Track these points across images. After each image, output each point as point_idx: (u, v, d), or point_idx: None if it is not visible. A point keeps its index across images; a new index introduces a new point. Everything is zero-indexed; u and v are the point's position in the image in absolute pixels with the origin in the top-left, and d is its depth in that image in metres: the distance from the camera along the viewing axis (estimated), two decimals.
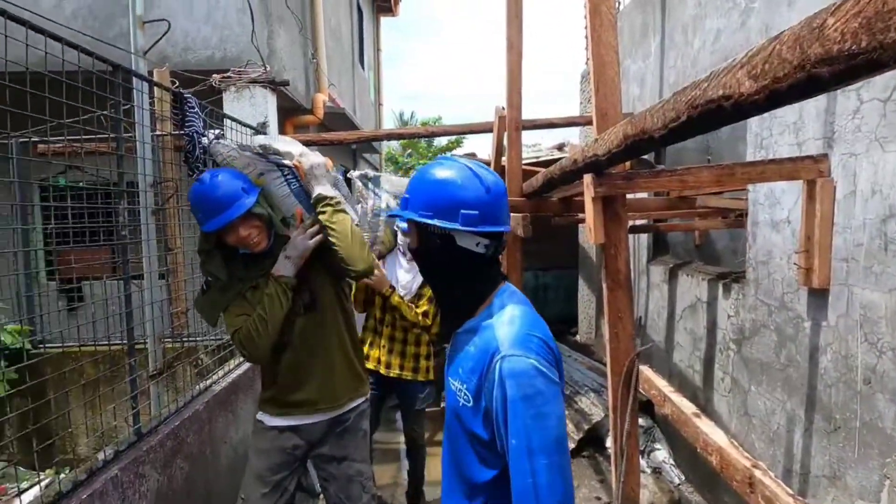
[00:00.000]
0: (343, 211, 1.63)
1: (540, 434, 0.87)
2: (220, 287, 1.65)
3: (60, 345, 3.41)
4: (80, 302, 4.19)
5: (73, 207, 2.83)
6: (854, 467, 1.75)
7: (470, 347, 0.98)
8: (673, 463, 3.14)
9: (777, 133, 2.18)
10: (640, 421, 3.45)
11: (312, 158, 1.64)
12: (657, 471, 3.07)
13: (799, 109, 2.02)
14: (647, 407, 3.50)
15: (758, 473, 1.09)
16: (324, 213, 1.58)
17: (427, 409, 2.81)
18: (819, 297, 1.91)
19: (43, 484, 3.02)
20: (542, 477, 0.87)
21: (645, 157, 3.51)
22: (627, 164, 2.12)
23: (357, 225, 2.52)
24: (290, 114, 4.49)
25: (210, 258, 1.63)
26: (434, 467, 2.87)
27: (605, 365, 1.96)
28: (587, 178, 1.84)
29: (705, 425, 1.35)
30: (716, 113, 0.94)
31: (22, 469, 3.24)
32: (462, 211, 0.96)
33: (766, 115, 2.26)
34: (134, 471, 1.68)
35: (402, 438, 3.34)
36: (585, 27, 1.89)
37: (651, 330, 3.71)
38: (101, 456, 1.65)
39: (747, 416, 2.41)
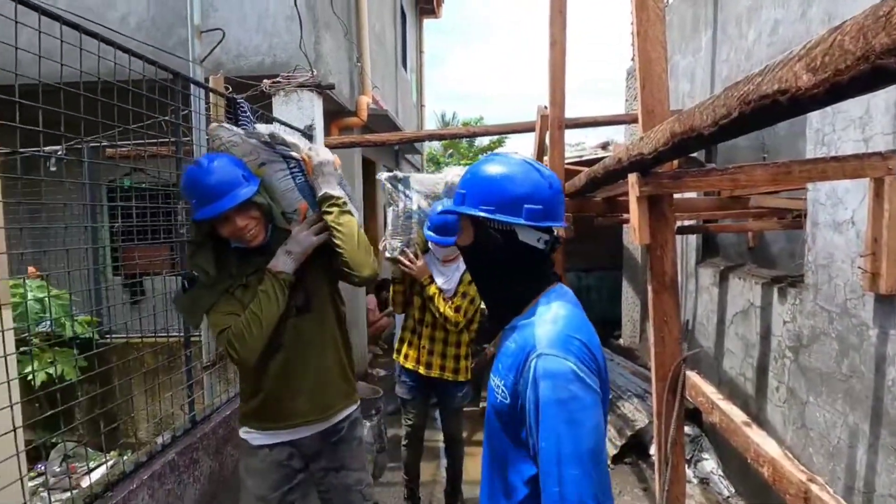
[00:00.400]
0: (350, 212, 1.53)
1: (571, 441, 0.83)
2: (206, 284, 1.48)
3: (124, 336, 3.64)
4: (142, 296, 4.47)
5: (136, 207, 3.02)
6: None
7: (511, 344, 0.97)
8: (722, 474, 3.01)
9: (840, 129, 2.05)
10: (687, 429, 3.33)
11: (322, 154, 1.53)
12: (705, 481, 2.95)
13: (866, 103, 1.89)
14: (694, 415, 3.37)
15: (814, 488, 1.03)
16: (330, 213, 1.46)
17: (465, 409, 2.83)
18: (886, 303, 1.78)
19: (108, 464, 3.24)
20: (571, 488, 0.82)
21: (694, 155, 3.38)
22: (675, 162, 2.05)
23: (389, 229, 2.54)
24: (335, 116, 4.62)
25: (200, 251, 1.49)
26: (472, 466, 2.88)
27: (649, 369, 1.91)
28: (632, 178, 1.79)
29: (756, 435, 1.29)
30: (770, 109, 0.90)
31: (90, 450, 3.49)
32: (526, 206, 0.95)
33: (828, 110, 2.13)
34: (189, 455, 1.77)
35: (440, 436, 3.37)
36: (632, 22, 1.84)
37: (700, 335, 3.57)
38: (159, 440, 1.76)
39: (804, 429, 2.28)
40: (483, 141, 19.39)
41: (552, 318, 0.93)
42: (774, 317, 2.56)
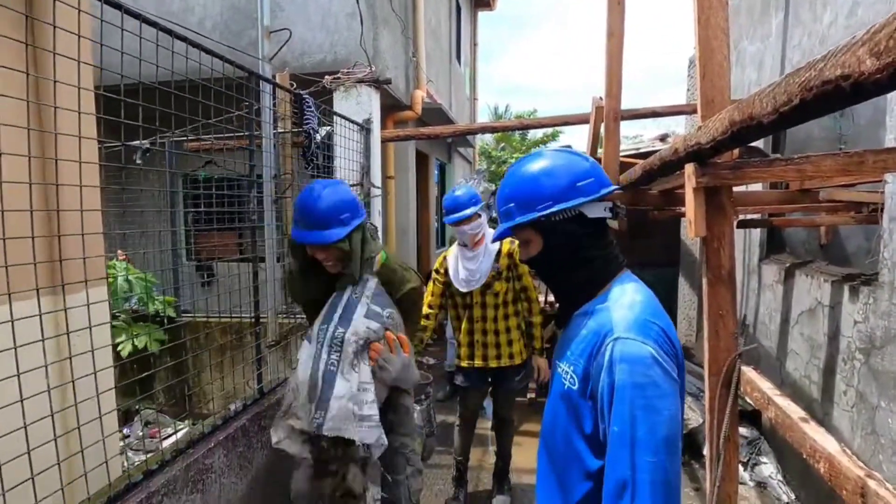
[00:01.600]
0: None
1: (647, 427, 0.81)
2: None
3: (201, 315, 3.96)
4: (212, 278, 4.82)
5: (211, 196, 3.27)
6: None
7: (582, 330, 0.96)
8: (781, 479, 2.89)
9: None
10: (745, 431, 3.21)
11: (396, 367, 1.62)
12: (762, 485, 2.85)
13: None
14: (753, 417, 3.25)
15: (872, 483, 1.01)
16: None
17: (516, 399, 2.88)
18: None
19: (184, 430, 3.56)
20: (644, 475, 0.79)
21: (757, 145, 3.22)
22: (735, 152, 1.99)
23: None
24: (391, 110, 4.75)
25: (294, 282, 1.76)
26: (517, 455, 2.92)
27: (703, 367, 1.87)
28: (689, 168, 1.76)
29: (814, 431, 1.26)
30: (832, 95, 0.89)
31: (167, 417, 3.84)
32: (579, 184, 0.98)
33: None
34: (257, 423, 1.94)
35: (489, 425, 3.43)
36: (693, 9, 1.80)
37: (761, 335, 3.42)
38: (232, 407, 1.93)
39: (874, 435, 2.16)
40: (536, 134, 19.10)
41: (629, 302, 0.93)
42: (844, 316, 2.43)
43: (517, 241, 1.13)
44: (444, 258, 2.63)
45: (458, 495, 2.78)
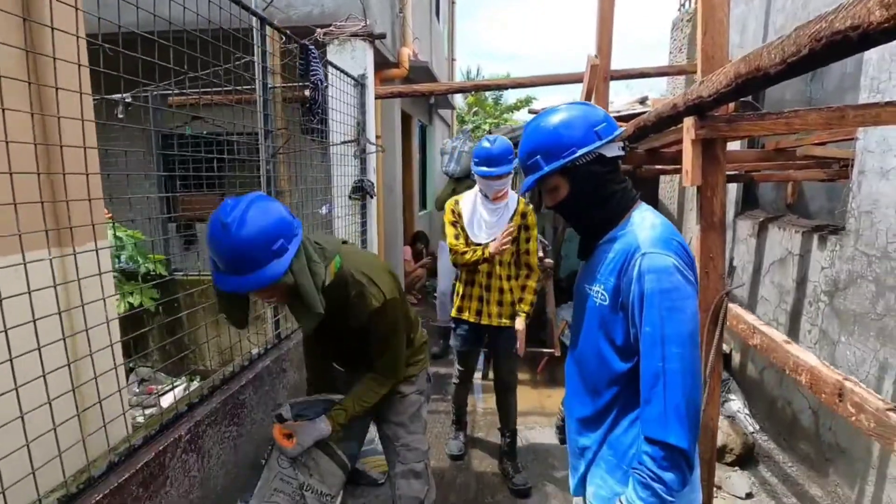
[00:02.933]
0: (345, 411, 1.53)
1: (674, 325, 0.96)
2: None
3: (193, 273, 3.93)
4: (195, 240, 4.76)
5: (198, 154, 3.21)
6: None
7: (609, 254, 1.09)
8: (748, 412, 3.20)
9: None
10: None
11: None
12: (731, 418, 3.15)
13: None
14: (725, 359, 3.54)
15: (848, 384, 1.20)
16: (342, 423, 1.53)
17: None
18: None
19: (182, 387, 3.59)
20: (673, 363, 0.95)
21: (748, 100, 3.39)
22: (730, 107, 2.12)
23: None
24: (378, 67, 4.68)
25: (230, 303, 1.34)
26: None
27: None
28: (688, 121, 1.89)
29: (796, 350, 1.45)
30: (841, 44, 1.01)
31: (163, 375, 3.87)
32: (596, 129, 1.10)
33: (886, 58, 2.16)
34: (279, 365, 2.03)
35: (477, 375, 3.60)
36: None
37: (735, 284, 3.69)
38: (255, 351, 2.02)
39: (834, 366, 2.43)
40: (509, 100, 19.00)
41: (650, 224, 1.07)
42: (812, 263, 2.66)
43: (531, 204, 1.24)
44: (457, 202, 2.56)
45: (457, 437, 2.91)
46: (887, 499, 2.06)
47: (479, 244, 2.46)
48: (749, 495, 2.48)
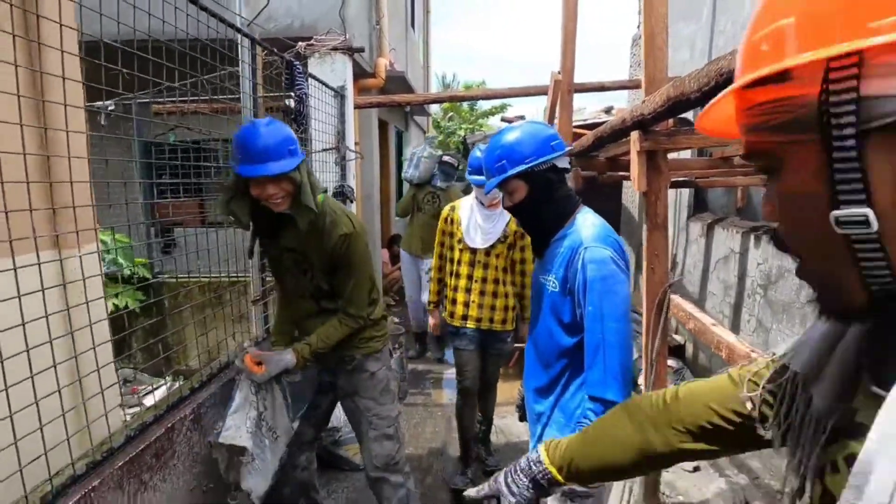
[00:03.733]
0: (309, 345, 1.73)
1: (610, 305, 1.19)
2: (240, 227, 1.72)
3: (184, 275, 4.02)
4: (174, 246, 4.84)
5: (182, 163, 3.33)
6: None
7: (560, 249, 1.33)
8: None
9: None
10: (672, 363, 3.80)
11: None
12: None
13: None
14: (678, 351, 3.85)
15: (754, 355, 1.46)
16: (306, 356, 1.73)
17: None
18: None
19: (165, 388, 3.69)
20: (611, 336, 1.20)
21: (686, 116, 3.71)
22: (670, 122, 2.40)
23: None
24: (356, 77, 4.87)
25: (235, 199, 1.62)
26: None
27: (640, 314, 2.27)
28: (634, 135, 2.16)
29: (720, 331, 1.72)
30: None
31: (147, 375, 3.95)
32: (552, 143, 1.35)
33: None
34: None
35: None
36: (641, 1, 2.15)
37: (687, 282, 4.01)
38: (245, 344, 2.18)
39: (768, 352, 2.74)
40: (484, 105, 19.38)
41: (591, 224, 1.33)
42: (750, 260, 2.98)
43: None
44: (454, 209, 2.62)
45: (465, 471, 2.71)
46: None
47: (476, 248, 2.53)
48: (696, 468, 2.76)
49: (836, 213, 0.37)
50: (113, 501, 1.27)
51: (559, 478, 0.84)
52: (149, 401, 3.64)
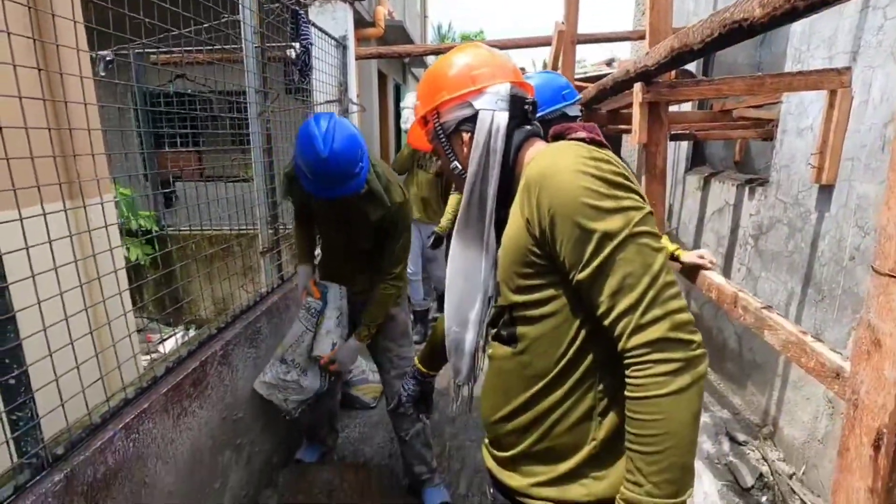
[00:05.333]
0: (367, 327, 1.92)
1: None
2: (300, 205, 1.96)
3: (195, 228, 4.08)
4: (175, 199, 4.88)
5: (193, 113, 3.30)
6: (832, 326, 2.22)
7: None
8: None
9: (813, 47, 2.43)
10: None
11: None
12: None
13: (835, 25, 2.26)
14: None
15: (741, 295, 1.59)
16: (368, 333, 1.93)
17: None
18: (826, 191, 2.28)
19: (179, 336, 3.83)
20: None
21: (691, 69, 3.71)
22: (672, 74, 2.43)
23: None
24: (356, 27, 4.78)
25: (293, 186, 1.81)
26: None
27: None
28: (637, 87, 2.20)
29: (709, 273, 1.83)
30: (737, 31, 1.33)
31: (159, 325, 4.10)
32: (563, 93, 1.54)
33: (806, 30, 2.49)
34: (284, 302, 2.33)
35: None
36: None
37: (682, 234, 4.13)
38: (262, 289, 2.30)
39: (755, 297, 2.89)
40: None
41: None
42: (743, 211, 3.08)
43: None
44: None
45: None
46: (787, 398, 2.56)
47: None
48: None
49: (451, 165, 0.93)
50: (160, 423, 1.41)
51: (422, 369, 1.28)
52: (163, 349, 3.81)
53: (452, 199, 3.50)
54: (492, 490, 0.97)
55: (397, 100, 8.30)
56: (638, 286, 0.71)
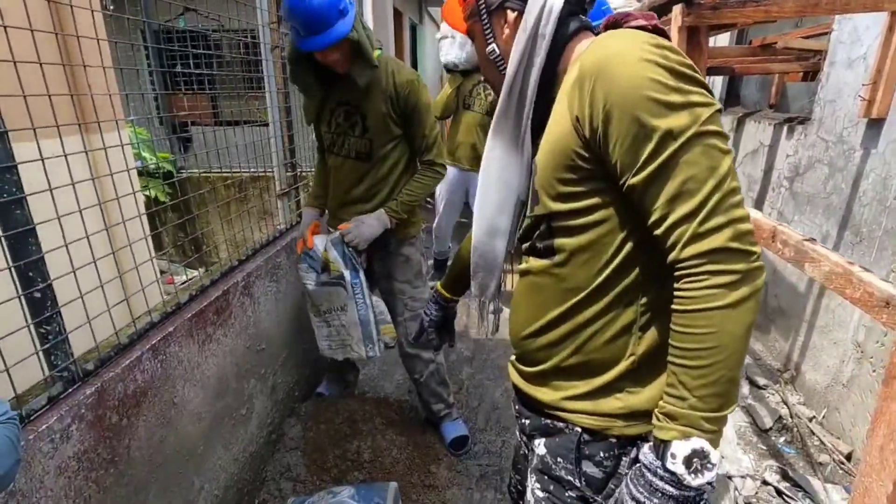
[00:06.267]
0: (398, 201, 1.82)
1: None
2: (310, 96, 1.80)
3: (215, 170, 4.06)
4: (189, 142, 4.83)
5: (206, 52, 3.16)
6: (870, 267, 2.14)
7: None
8: None
9: None
10: None
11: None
12: None
13: None
14: None
15: (779, 227, 1.51)
16: (398, 210, 1.82)
17: None
18: (875, 126, 2.13)
19: (198, 277, 3.84)
20: None
21: None
22: None
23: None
24: None
25: (298, 70, 1.69)
26: None
27: None
28: (676, 9, 2.04)
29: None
30: None
31: (179, 266, 4.17)
32: (602, 8, 1.37)
33: None
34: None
35: None
36: None
37: None
38: (280, 226, 2.28)
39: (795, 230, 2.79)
40: None
41: None
42: (779, 153, 2.93)
43: None
44: None
45: None
46: (812, 343, 2.52)
47: None
48: None
49: (488, 48, 0.85)
50: (186, 346, 1.42)
51: (445, 293, 1.24)
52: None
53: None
54: (517, 406, 0.95)
55: (414, 41, 7.98)
56: (700, 191, 0.64)
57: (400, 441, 2.07)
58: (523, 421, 0.93)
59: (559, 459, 0.84)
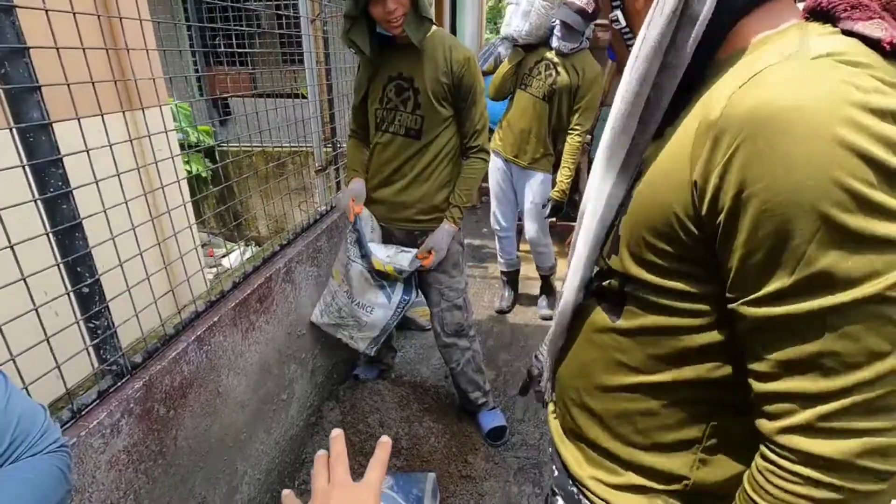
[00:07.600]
0: (457, 206, 1.79)
1: None
2: (361, 63, 1.75)
3: (257, 145, 4.07)
4: (228, 116, 4.84)
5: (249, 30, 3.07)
6: None
7: None
8: None
9: None
10: None
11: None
12: None
13: None
14: None
15: None
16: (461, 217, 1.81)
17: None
18: None
19: (239, 251, 3.90)
20: None
21: None
22: None
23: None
24: None
25: (355, 26, 1.61)
26: None
27: None
28: None
29: None
30: None
31: (221, 239, 4.24)
32: None
33: None
34: (343, 220, 2.27)
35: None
36: None
37: None
38: (322, 208, 2.24)
39: None
40: None
41: None
42: None
43: None
44: None
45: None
46: None
47: None
48: None
49: (612, 14, 0.63)
50: (230, 336, 1.41)
51: None
52: (226, 263, 3.96)
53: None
54: (550, 449, 0.82)
55: (454, 12, 7.66)
56: (844, 376, 0.44)
57: (437, 429, 2.06)
58: (553, 467, 0.81)
59: None
